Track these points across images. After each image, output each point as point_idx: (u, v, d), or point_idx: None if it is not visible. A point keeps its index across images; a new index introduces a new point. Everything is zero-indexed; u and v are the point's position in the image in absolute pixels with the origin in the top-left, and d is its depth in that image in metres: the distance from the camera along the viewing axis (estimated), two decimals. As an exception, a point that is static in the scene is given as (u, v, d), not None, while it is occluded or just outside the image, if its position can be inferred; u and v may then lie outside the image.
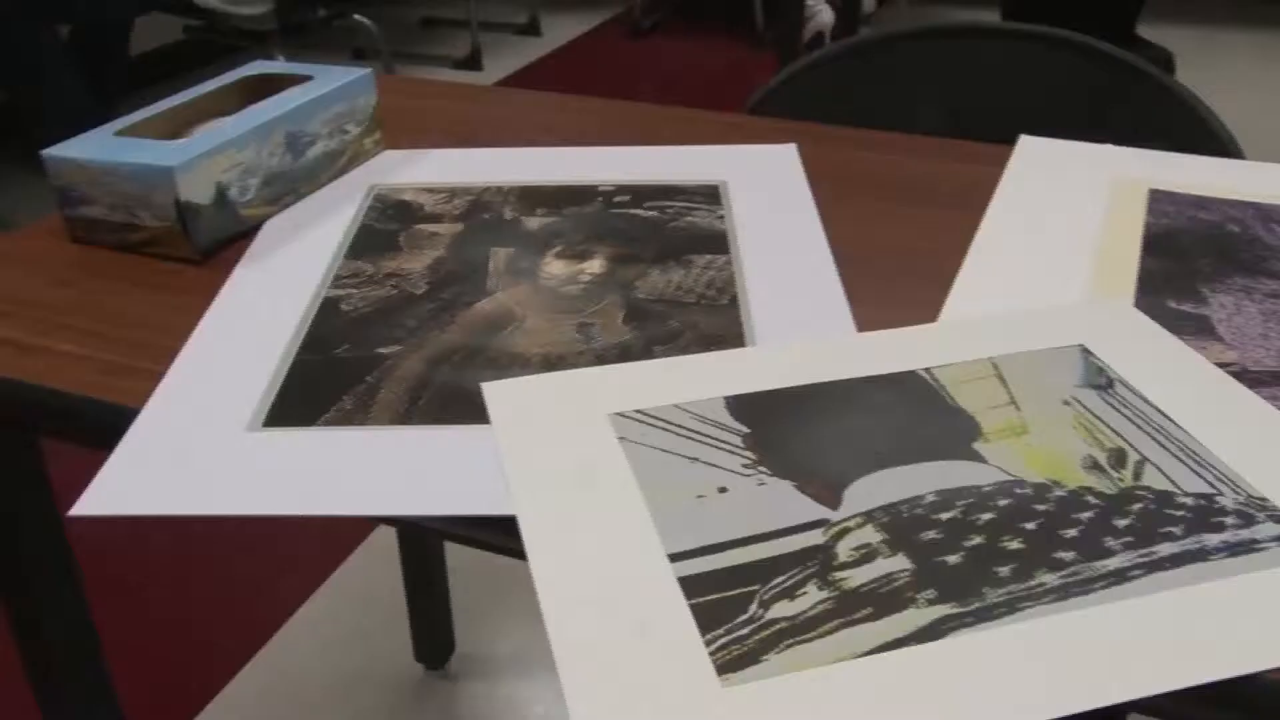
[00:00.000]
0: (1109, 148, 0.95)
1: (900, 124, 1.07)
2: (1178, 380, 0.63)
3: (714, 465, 0.57)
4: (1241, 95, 3.58)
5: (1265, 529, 0.52)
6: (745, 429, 0.59)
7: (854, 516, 0.53)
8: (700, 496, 0.55)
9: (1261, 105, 3.49)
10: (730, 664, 0.46)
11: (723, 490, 0.55)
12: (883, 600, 0.49)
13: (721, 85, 3.72)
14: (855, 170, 0.92)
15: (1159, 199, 0.85)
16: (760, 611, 0.48)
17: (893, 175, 0.91)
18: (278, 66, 0.94)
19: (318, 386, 0.65)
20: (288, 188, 0.85)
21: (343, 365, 0.67)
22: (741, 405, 0.61)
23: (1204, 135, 1.05)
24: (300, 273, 0.77)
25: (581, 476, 0.56)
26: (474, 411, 0.62)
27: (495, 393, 0.63)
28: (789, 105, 1.14)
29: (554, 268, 0.76)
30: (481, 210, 0.85)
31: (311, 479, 0.57)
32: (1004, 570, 0.50)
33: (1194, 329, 0.69)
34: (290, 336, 0.69)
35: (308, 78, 0.90)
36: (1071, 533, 0.52)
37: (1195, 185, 0.88)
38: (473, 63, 3.89)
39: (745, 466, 0.56)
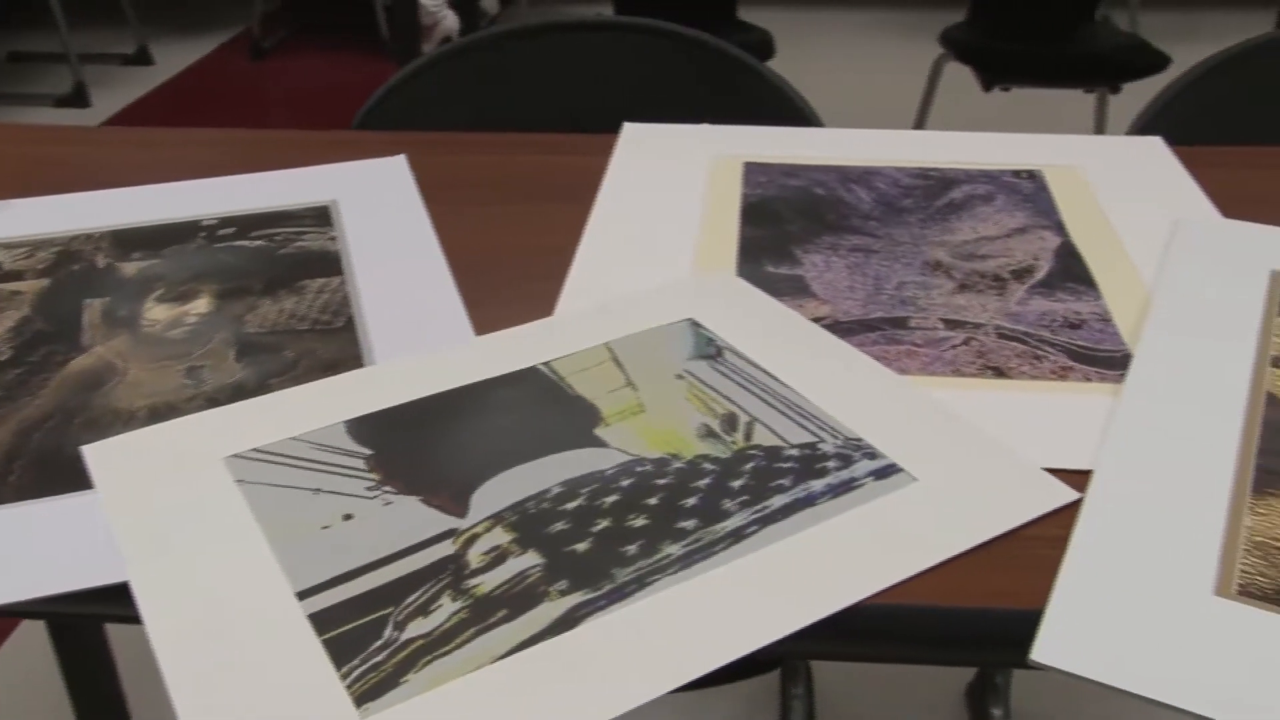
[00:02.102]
0: (706, 127, 1.00)
1: (514, 123, 1.08)
2: (779, 340, 0.67)
3: (338, 493, 0.55)
4: (835, 69, 3.88)
5: (862, 466, 0.57)
6: (368, 451, 0.58)
7: (483, 521, 0.53)
8: (326, 527, 0.53)
9: (851, 77, 3.80)
10: (368, 693, 0.45)
11: (348, 517, 0.54)
12: (516, 600, 0.49)
13: (354, 100, 3.65)
14: (468, 174, 0.92)
15: (753, 171, 0.91)
16: (395, 634, 0.47)
17: (506, 175, 0.92)
18: None
19: (-113, 479, 0.58)
20: None
21: (-83, 451, 0.60)
22: (362, 427, 0.60)
23: (791, 112, 1.13)
24: None
25: (198, 528, 0.53)
26: (77, 478, 0.58)
27: (97, 454, 0.59)
28: (399, 116, 1.13)
29: (156, 313, 0.72)
30: (70, 261, 0.78)
31: (-114, 583, 0.51)
32: (631, 549, 0.51)
33: (791, 289, 0.73)
34: None
35: None
36: (692, 501, 0.54)
37: (785, 155, 0.94)
38: (78, 99, 3.62)
39: (370, 489, 0.55)
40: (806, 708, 1.48)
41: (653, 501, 0.54)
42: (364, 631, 0.48)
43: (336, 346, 0.68)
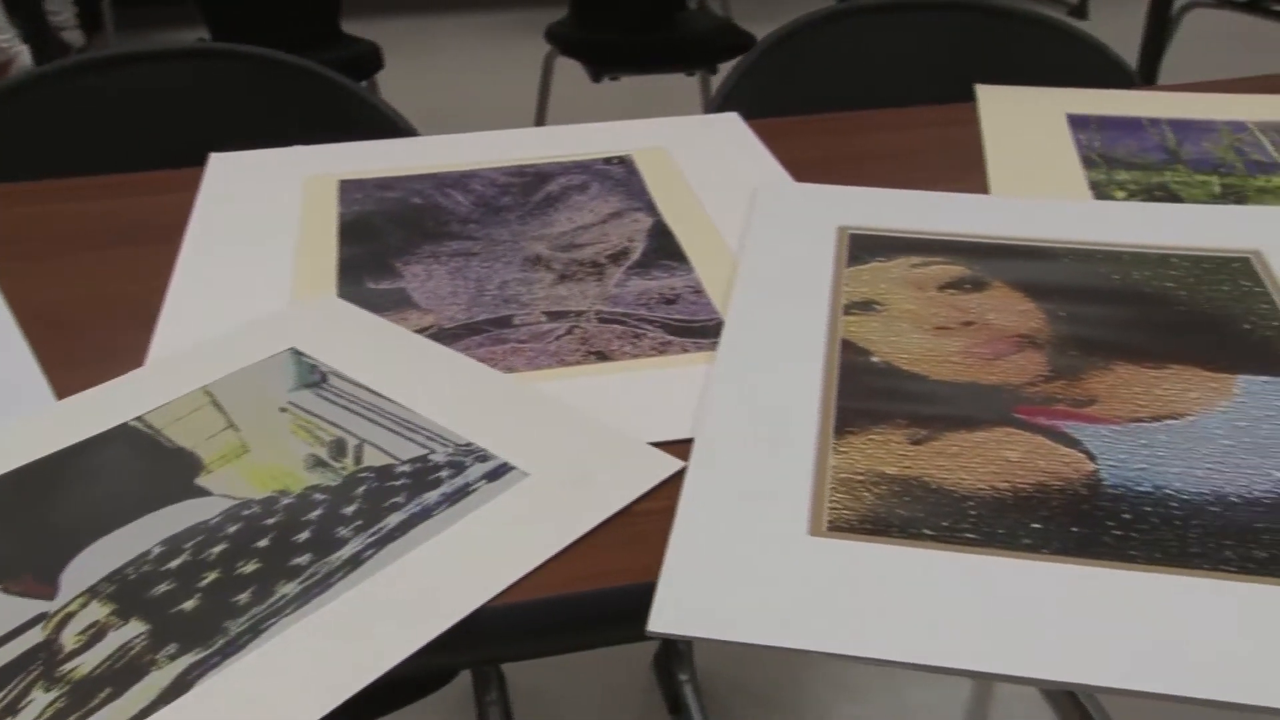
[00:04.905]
0: (298, 149, 0.97)
1: (96, 164, 1.01)
2: (383, 357, 0.66)
3: (-98, 599, 0.50)
4: (452, 74, 3.89)
5: (475, 470, 0.57)
6: (-64, 546, 0.53)
7: (76, 598, 0.49)
8: (-110, 640, 0.48)
9: (470, 80, 3.83)
10: (-45, 813, 0.41)
11: (-84, 624, 0.48)
12: (120, 675, 0.46)
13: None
14: (37, 226, 0.85)
15: (349, 188, 0.89)
16: (-17, 741, 0.43)
17: (82, 222, 0.86)
18: None
19: None
20: None
21: None
22: (-73, 521, 0.54)
23: (384, 125, 1.12)
24: None
25: None
26: None
27: None
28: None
29: None
30: None
31: None
32: (243, 597, 0.49)
33: (393, 303, 0.72)
34: None
35: None
36: (305, 535, 0.53)
37: (380, 169, 0.93)
38: None
39: (-60, 588, 0.50)
40: (503, 710, 1.48)
41: (263, 543, 0.52)
42: (-55, 746, 0.43)
43: (-108, 436, 0.61)
